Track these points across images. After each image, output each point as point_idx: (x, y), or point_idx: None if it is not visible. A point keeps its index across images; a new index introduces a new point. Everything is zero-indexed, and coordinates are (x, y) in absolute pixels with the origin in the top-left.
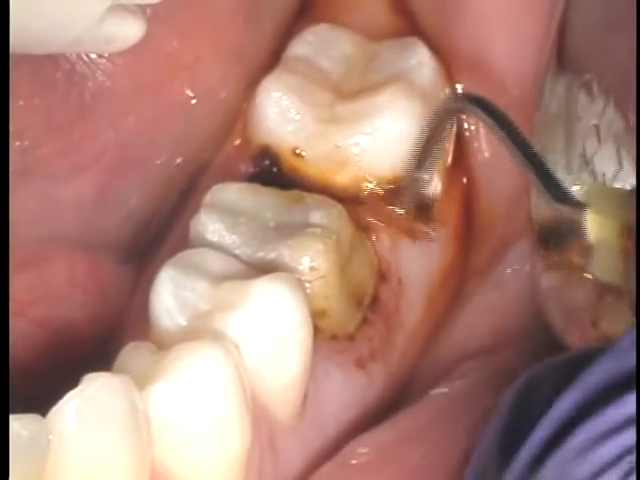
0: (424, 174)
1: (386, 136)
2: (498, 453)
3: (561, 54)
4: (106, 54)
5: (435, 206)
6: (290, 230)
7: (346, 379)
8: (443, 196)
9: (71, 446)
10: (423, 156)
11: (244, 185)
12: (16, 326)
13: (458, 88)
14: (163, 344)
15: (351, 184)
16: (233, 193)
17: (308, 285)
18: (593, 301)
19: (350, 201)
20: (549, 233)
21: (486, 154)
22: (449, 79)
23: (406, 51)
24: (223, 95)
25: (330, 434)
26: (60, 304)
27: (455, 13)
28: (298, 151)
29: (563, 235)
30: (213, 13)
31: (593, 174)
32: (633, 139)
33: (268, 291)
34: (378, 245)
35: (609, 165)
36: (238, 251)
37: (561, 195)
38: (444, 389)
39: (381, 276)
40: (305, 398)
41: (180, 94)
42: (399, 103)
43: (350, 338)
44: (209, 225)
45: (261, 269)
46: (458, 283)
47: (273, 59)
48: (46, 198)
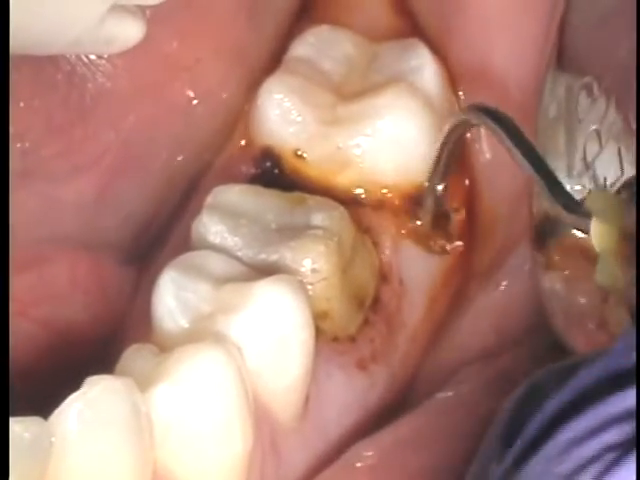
0: (440, 186)
1: (387, 137)
2: (498, 459)
3: (561, 55)
4: (106, 55)
5: (453, 220)
6: (292, 232)
7: (348, 381)
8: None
9: (73, 449)
10: (439, 170)
11: (246, 187)
12: (19, 326)
13: (461, 95)
14: (165, 346)
15: (352, 185)
16: (235, 195)
17: (310, 287)
18: (597, 303)
19: (351, 202)
20: (548, 233)
21: (487, 155)
22: (450, 81)
23: (407, 52)
24: (224, 96)
25: (332, 436)
26: (62, 305)
27: (455, 14)
28: (300, 152)
29: (559, 234)
30: (214, 14)
31: (594, 178)
32: (634, 142)
33: (270, 293)
34: (379, 246)
35: (610, 169)
36: (240, 253)
37: (571, 205)
38: (446, 393)
39: (382, 277)
40: (307, 400)
41: (181, 95)
42: (400, 104)
43: (352, 339)
44: (211, 227)
45: (263, 271)
46: (460, 284)
47: (274, 60)
48: (47, 199)
